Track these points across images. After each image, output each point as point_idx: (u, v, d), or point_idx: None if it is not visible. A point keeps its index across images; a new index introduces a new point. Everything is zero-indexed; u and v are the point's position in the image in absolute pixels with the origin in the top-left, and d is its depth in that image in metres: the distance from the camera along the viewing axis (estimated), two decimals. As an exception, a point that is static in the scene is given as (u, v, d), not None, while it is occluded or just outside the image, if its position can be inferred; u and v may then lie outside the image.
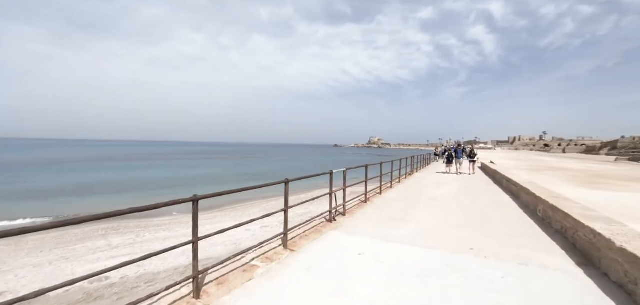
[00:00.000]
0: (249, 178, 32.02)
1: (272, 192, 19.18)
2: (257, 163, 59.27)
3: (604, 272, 3.79)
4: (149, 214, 14.47)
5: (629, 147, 59.27)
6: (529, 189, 7.71)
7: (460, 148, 19.72)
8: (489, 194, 9.74)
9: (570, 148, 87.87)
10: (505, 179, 11.05)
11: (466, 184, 12.48)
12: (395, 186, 11.60)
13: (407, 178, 14.46)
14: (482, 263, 4.10)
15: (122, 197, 20.96)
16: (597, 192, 13.50)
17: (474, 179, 14.68)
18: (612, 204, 10.46)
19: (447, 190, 10.41)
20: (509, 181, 10.35)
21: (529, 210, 7.30)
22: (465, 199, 8.84)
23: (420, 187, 11.49)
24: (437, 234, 5.37)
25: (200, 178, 32.41)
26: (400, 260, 4.20)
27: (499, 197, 9.28)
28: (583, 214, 4.97)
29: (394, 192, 10.24)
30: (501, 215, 6.75)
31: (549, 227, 5.83)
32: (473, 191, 10.33)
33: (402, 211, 7.17)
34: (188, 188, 24.46)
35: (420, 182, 13.04)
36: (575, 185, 15.77)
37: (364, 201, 8.30)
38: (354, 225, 5.96)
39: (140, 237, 11.89)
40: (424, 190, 10.63)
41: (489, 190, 10.58)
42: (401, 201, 8.53)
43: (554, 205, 5.75)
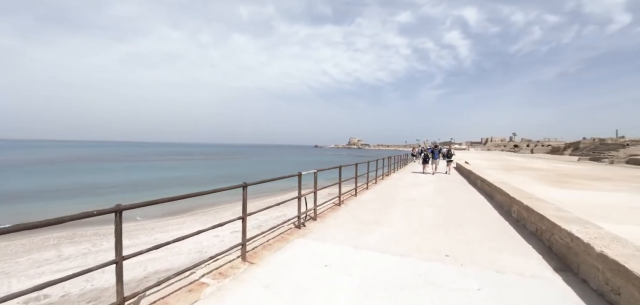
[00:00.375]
0: (226, 179, 30.80)
1: (250, 192, 18.47)
2: (236, 164, 57.42)
3: (583, 279, 3.57)
4: (107, 221, 13.39)
5: (590, 148, 63.41)
6: (503, 190, 7.62)
7: (436, 149, 20.06)
8: (464, 195, 9.64)
9: (538, 149, 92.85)
10: (480, 179, 11.06)
11: (442, 184, 12.43)
12: (372, 187, 11.31)
13: (384, 179, 14.27)
14: (458, 272, 3.78)
15: (74, 202, 19.39)
16: (565, 191, 13.97)
17: (449, 179, 14.73)
18: (580, 203, 10.76)
19: (423, 191, 10.24)
20: (483, 181, 10.34)
21: (503, 210, 7.18)
22: (441, 200, 8.67)
23: (396, 187, 11.27)
24: (411, 239, 5.04)
25: (172, 181, 30.80)
26: (371, 270, 3.79)
27: (474, 197, 9.19)
28: (557, 215, 4.81)
29: (369, 193, 9.92)
30: (476, 217, 6.56)
31: (524, 228, 5.67)
32: (448, 192, 10.22)
33: (376, 214, 6.81)
34: (156, 191, 23.07)
35: (397, 182, 12.86)
36: (545, 184, 16.29)
37: (337, 204, 7.89)
38: (324, 231, 5.51)
39: (96, 246, 10.83)
40: (400, 191, 10.41)
41: (464, 191, 10.52)
42: (376, 203, 8.20)
43: (529, 206, 5.59)
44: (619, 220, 8.34)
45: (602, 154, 47.20)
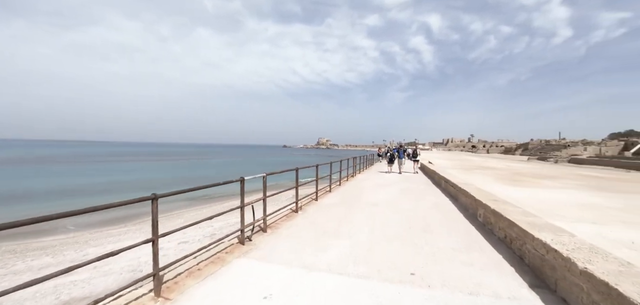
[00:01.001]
0: (177, 182, 28.46)
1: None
2: (192, 166, 52.90)
3: (563, 298, 3.10)
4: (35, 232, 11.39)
5: (537, 148, 69.39)
6: (468, 191, 7.32)
7: (402, 149, 20.23)
8: (429, 197, 9.33)
9: (493, 149, 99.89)
10: (444, 180, 10.88)
11: (407, 185, 12.15)
12: (335, 190, 10.66)
13: (350, 180, 13.74)
14: (426, 296, 3.13)
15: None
16: (521, 189, 14.43)
17: (414, 180, 14.57)
18: (536, 201, 11.02)
19: (388, 194, 9.77)
20: (448, 182, 10.14)
21: (468, 213, 6.84)
22: (406, 203, 8.21)
23: (361, 189, 10.73)
24: (373, 253, 4.36)
25: (118, 184, 27.80)
26: (321, 301, 3.01)
27: (439, 199, 8.89)
28: (527, 221, 4.42)
29: (332, 196, 9.23)
30: (443, 222, 6.10)
31: (491, 234, 5.28)
32: (413, 194, 9.86)
33: (336, 222, 6.09)
34: (85, 199, 20.53)
35: (362, 184, 12.36)
36: (502, 183, 16.83)
37: (294, 210, 7.06)
38: (272, 246, 4.65)
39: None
40: (365, 193, 9.86)
41: (429, 192, 10.25)
42: (338, 208, 7.50)
43: (496, 210, 5.21)
44: (575, 218, 8.47)
45: (547, 153, 51.62)
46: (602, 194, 13.47)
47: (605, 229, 7.66)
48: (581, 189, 15.13)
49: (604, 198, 12.28)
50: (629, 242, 6.76)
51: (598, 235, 7.42)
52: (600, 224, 8.20)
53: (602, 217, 8.96)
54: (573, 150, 50.03)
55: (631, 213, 9.62)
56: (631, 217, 8.98)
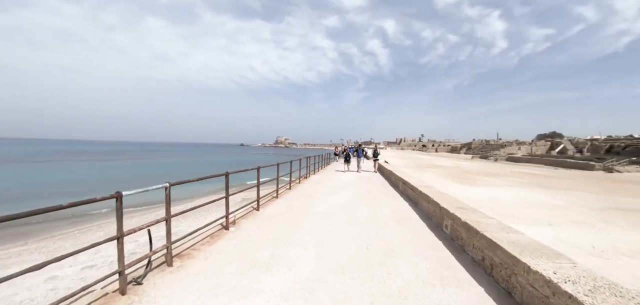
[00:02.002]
0: (111, 185, 24.48)
1: (150, 198, 14.26)
2: (135, 165, 47.49)
3: None
4: None
5: (479, 147, 75.62)
6: (430, 196, 6.45)
7: (360, 148, 20.21)
8: (388, 201, 8.39)
9: (441, 148, 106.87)
10: (402, 181, 10.11)
11: (363, 187, 11.20)
12: (284, 195, 9.25)
13: (302, 182, 12.43)
14: None
15: None
16: (473, 188, 14.50)
17: (370, 181, 13.76)
18: (488, 201, 10.85)
19: (343, 199, 8.64)
20: (406, 184, 9.35)
21: (432, 223, 5.93)
22: (363, 210, 7.11)
23: (313, 194, 9.46)
24: (316, 295, 3.06)
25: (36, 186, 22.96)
26: None
27: (398, 204, 7.97)
28: (510, 240, 3.49)
29: (278, 204, 7.80)
30: (405, 239, 5.02)
31: (463, 252, 4.33)
32: (370, 198, 8.86)
33: (275, 243, 4.68)
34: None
35: (315, 187, 11.11)
36: (454, 181, 16.96)
37: (225, 226, 5.49)
38: (169, 295, 3.08)
39: None
40: (317, 198, 8.60)
41: (387, 196, 9.35)
42: (282, 220, 6.10)
43: (468, 224, 4.26)
44: (531, 219, 8.18)
45: (488, 152, 56.20)
46: (544, 191, 14.06)
47: (562, 232, 7.43)
48: (524, 186, 15.79)
49: (547, 195, 12.70)
50: (589, 246, 6.47)
51: (557, 239, 7.12)
52: (555, 226, 8.02)
53: (553, 217, 8.91)
54: (509, 149, 55.12)
55: (575, 210, 9.81)
56: (577, 216, 9.06)
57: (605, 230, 7.67)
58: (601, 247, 6.25)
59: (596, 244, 6.44)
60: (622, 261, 5.59)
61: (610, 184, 18.30)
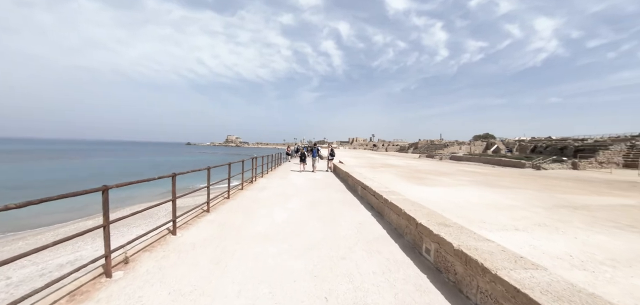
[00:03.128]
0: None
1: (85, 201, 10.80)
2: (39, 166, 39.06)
3: None
4: None
5: (425, 147, 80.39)
6: (398, 207, 5.20)
7: (315, 147, 20.09)
8: (347, 212, 6.99)
9: (390, 147, 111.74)
10: (361, 185, 8.89)
11: (317, 194, 9.73)
12: (221, 206, 7.32)
13: (247, 187, 10.52)
14: None
15: None
16: (428, 188, 14.05)
17: (326, 184, 12.39)
18: (447, 203, 10.27)
19: (293, 210, 7.03)
20: (366, 190, 8.12)
21: (405, 243, 4.66)
22: (317, 227, 5.60)
23: (257, 204, 7.67)
24: None
25: None
26: None
27: (360, 216, 6.61)
28: (538, 283, 2.27)
29: (208, 222, 5.89)
30: (379, 276, 3.59)
31: (458, 293, 3.06)
32: (327, 208, 7.39)
33: (180, 303, 2.89)
34: None
35: (261, 194, 9.31)
36: (409, 182, 16.52)
37: (105, 272, 3.49)
38: None
39: None
40: (260, 211, 6.84)
41: (345, 204, 7.98)
42: (204, 253, 4.26)
43: (467, 255, 3.00)
44: (498, 225, 7.51)
45: (434, 152, 59.65)
46: (494, 190, 14.22)
47: (533, 239, 6.85)
48: (475, 185, 15.99)
49: (499, 194, 12.72)
50: (566, 256, 5.86)
51: (533, 248, 6.46)
52: (523, 230, 7.48)
53: (516, 219, 8.49)
54: (452, 149, 59.20)
55: (531, 211, 9.61)
56: (536, 217, 8.76)
57: (569, 232, 7.29)
58: (578, 256, 5.64)
59: (571, 252, 5.85)
60: (608, 274, 4.96)
61: (544, 181, 19.68)
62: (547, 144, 43.67)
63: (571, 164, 29.43)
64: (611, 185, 18.37)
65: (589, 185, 17.88)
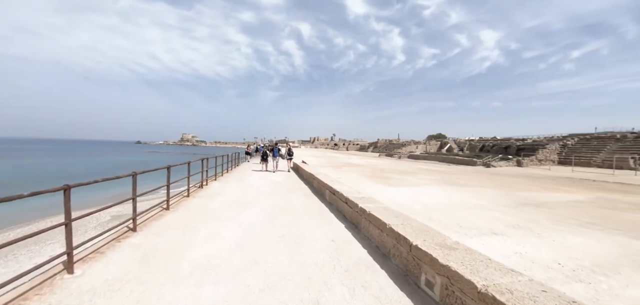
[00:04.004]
0: None
1: None
2: None
3: None
4: None
5: (384, 146, 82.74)
6: (380, 219, 4.21)
7: (276, 147, 19.27)
8: (316, 226, 5.81)
9: (351, 147, 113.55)
10: (329, 189, 7.84)
11: (279, 199, 8.46)
12: (154, 222, 5.69)
13: (194, 194, 8.84)
14: None
15: None
16: (395, 189, 13.55)
17: (288, 188, 11.16)
18: (418, 205, 9.72)
19: (248, 226, 5.68)
20: (336, 195, 7.07)
21: (393, 268, 3.66)
22: (279, 249, 4.36)
23: (203, 217, 6.17)
24: None
25: None
26: None
27: (332, 231, 5.47)
28: None
29: (129, 248, 4.31)
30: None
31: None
32: (291, 220, 6.15)
33: None
34: None
35: (210, 203, 7.76)
36: (374, 182, 15.98)
37: None
38: None
39: None
40: (205, 230, 5.37)
41: (313, 213, 6.82)
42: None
43: (496, 299, 2.06)
44: (476, 229, 6.97)
45: (392, 151, 61.41)
46: (457, 188, 14.19)
47: (515, 244, 6.36)
48: (439, 184, 15.95)
49: (464, 194, 12.60)
50: (555, 264, 5.34)
51: (517, 255, 5.92)
52: (501, 235, 7.01)
53: (489, 221, 8.08)
54: (409, 148, 61.47)
55: (500, 211, 9.31)
56: (507, 217, 8.41)
57: (544, 234, 7.00)
58: (566, 264, 5.20)
59: (557, 259, 5.40)
60: (605, 284, 4.51)
61: (498, 178, 20.60)
62: (493, 143, 47.14)
63: (516, 162, 31.80)
64: (555, 181, 19.82)
65: (537, 181, 19.04)
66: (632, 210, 10.06)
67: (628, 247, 6.26)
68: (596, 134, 37.48)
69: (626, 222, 8.32)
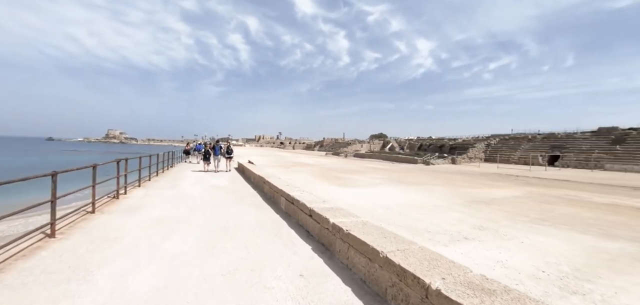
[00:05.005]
0: None
1: None
2: None
3: None
4: None
5: (330, 145, 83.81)
6: (370, 245, 3.11)
7: (218, 145, 17.63)
8: (275, 251, 4.35)
9: (297, 145, 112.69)
10: (286, 197, 6.51)
11: (223, 214, 6.79)
12: (37, 252, 3.68)
13: (104, 208, 6.62)
14: None
15: None
16: (350, 189, 12.81)
17: (236, 196, 9.47)
18: (380, 208, 9.02)
19: (175, 260, 3.99)
20: (295, 204, 5.79)
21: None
22: (226, 299, 2.93)
23: (106, 251, 4.27)
24: None
25: None
26: None
27: (299, 260, 4.06)
28: None
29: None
30: None
31: None
32: (239, 246, 4.55)
33: None
34: None
35: (125, 221, 5.75)
36: (329, 183, 15.10)
37: None
38: None
39: None
40: (105, 274, 3.57)
41: (268, 233, 5.33)
42: None
43: None
44: (446, 234, 6.40)
45: (339, 149, 62.25)
46: (409, 187, 14.10)
47: (489, 250, 5.89)
48: (391, 183, 15.79)
49: (417, 193, 12.42)
50: (538, 272, 5.01)
51: (500, 264, 5.39)
52: (472, 240, 6.51)
53: (455, 224, 7.61)
54: (355, 147, 63.09)
55: (458, 211, 8.96)
56: (471, 218, 8.02)
57: (510, 235, 6.79)
58: (549, 271, 4.83)
59: (537, 265, 5.03)
60: (597, 294, 4.16)
61: (440, 175, 21.63)
62: (430, 142, 50.90)
63: (451, 160, 34.51)
64: (487, 177, 21.62)
65: (474, 178, 20.46)
66: (563, 204, 10.90)
67: (584, 243, 6.34)
68: (512, 134, 43.12)
69: (566, 217, 8.77)
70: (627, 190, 15.54)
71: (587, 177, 22.96)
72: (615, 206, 10.88)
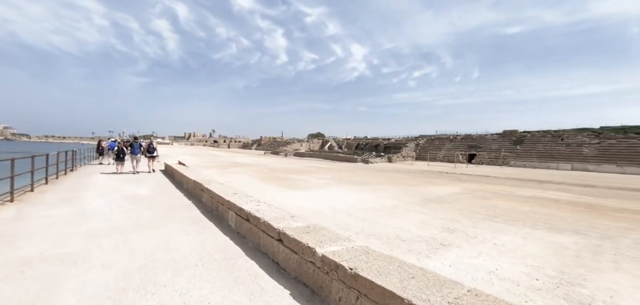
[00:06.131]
0: None
1: None
2: None
3: None
4: None
5: (269, 144, 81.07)
6: (395, 293, 2.02)
7: (136, 142, 15.52)
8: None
9: (233, 144, 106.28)
10: (235, 211, 4.97)
11: (145, 243, 4.90)
12: None
13: None
14: None
15: None
16: (305, 193, 11.64)
17: (164, 210, 7.37)
18: (341, 213, 8.06)
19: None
20: (251, 221, 4.35)
21: None
22: None
23: None
24: None
25: None
26: None
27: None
28: None
29: None
30: None
31: None
32: (167, 299, 2.98)
33: None
34: None
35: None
36: (275, 185, 13.67)
37: None
38: None
39: None
40: None
41: (217, 270, 3.72)
42: None
43: None
44: (426, 243, 5.75)
45: (278, 148, 60.39)
46: (360, 187, 13.63)
47: (476, 259, 5.36)
48: (340, 183, 15.15)
49: (372, 193, 11.86)
50: (532, 279, 4.61)
51: (494, 275, 4.84)
52: (450, 246, 5.95)
53: (423, 228, 7.02)
54: (294, 146, 62.10)
55: (421, 212, 8.65)
56: (433, 220, 7.67)
57: (480, 237, 6.55)
58: (538, 275, 4.53)
59: (526, 271, 4.70)
60: (601, 302, 3.88)
61: (382, 174, 22.08)
62: (366, 142, 53.06)
63: (387, 158, 36.25)
64: (423, 174, 22.96)
65: (412, 176, 21.41)
66: (499, 199, 11.67)
67: (543, 240, 6.43)
68: (437, 135, 47.79)
69: (511, 212, 9.17)
70: (535, 184, 17.96)
71: (500, 173, 26.37)
72: (539, 199, 12.09)
